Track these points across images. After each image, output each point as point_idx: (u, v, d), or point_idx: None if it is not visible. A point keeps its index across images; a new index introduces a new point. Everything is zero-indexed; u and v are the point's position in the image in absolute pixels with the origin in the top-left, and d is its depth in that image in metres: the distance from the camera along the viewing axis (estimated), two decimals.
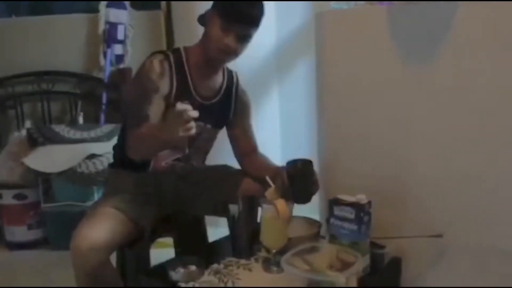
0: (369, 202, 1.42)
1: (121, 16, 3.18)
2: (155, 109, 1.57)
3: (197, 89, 1.70)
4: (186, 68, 1.68)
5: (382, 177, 1.65)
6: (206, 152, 1.89)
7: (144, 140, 1.48)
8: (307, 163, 1.54)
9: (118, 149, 1.82)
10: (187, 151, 1.50)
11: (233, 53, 1.64)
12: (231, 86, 1.82)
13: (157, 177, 1.76)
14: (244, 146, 1.88)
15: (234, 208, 1.56)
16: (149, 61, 1.63)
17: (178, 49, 1.72)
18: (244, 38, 1.62)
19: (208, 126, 1.77)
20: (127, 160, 1.63)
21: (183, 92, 1.65)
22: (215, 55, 1.64)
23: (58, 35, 3.24)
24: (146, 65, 1.63)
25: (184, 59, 1.69)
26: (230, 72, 1.84)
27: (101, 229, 1.52)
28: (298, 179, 1.51)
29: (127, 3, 3.21)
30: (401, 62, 1.56)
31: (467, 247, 1.48)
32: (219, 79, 1.78)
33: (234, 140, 1.88)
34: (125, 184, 1.73)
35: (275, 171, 1.61)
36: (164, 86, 1.62)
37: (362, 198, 1.41)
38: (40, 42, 3.21)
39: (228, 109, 1.82)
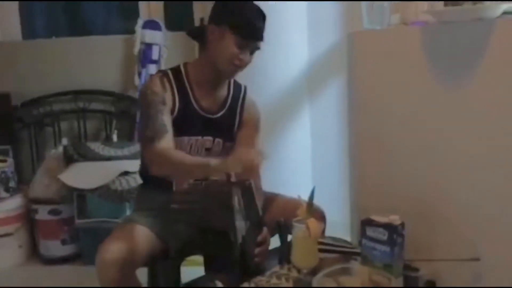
0: (403, 224, 1.39)
1: (156, 37, 3.26)
2: (168, 120, 1.64)
3: (200, 103, 1.74)
4: (186, 83, 1.73)
5: (416, 199, 1.62)
6: None
7: (182, 167, 1.57)
8: None
9: (143, 169, 1.85)
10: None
11: (245, 66, 1.70)
12: (238, 99, 1.83)
13: (182, 194, 1.77)
14: None
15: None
16: (149, 79, 1.73)
17: (177, 66, 1.78)
18: (254, 51, 1.69)
19: (218, 140, 1.78)
20: (151, 178, 1.67)
21: (185, 107, 1.70)
22: (227, 70, 1.69)
23: (95, 55, 3.33)
24: (147, 83, 1.73)
25: (183, 74, 1.74)
26: (238, 86, 1.85)
27: (124, 243, 1.54)
28: None
29: (162, 25, 3.29)
30: (435, 83, 1.54)
31: (504, 270, 1.43)
32: (224, 92, 1.80)
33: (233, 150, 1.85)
34: (151, 201, 1.76)
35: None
36: (168, 99, 1.68)
37: (395, 219, 1.39)
38: (78, 62, 3.31)
39: (233, 121, 1.82)
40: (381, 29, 1.74)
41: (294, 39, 2.78)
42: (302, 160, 2.84)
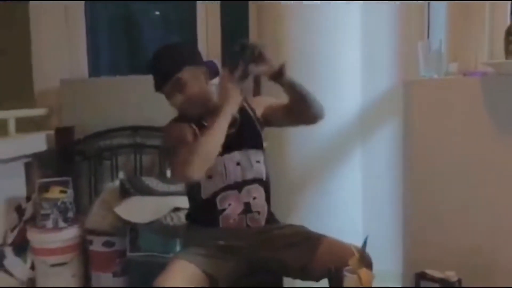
0: (459, 280, 1.35)
1: None
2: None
3: None
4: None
5: (472, 251, 1.57)
6: (263, 182, 1.87)
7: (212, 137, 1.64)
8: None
9: (190, 206, 1.90)
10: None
11: (194, 97, 1.84)
12: (242, 105, 1.84)
13: (228, 231, 1.79)
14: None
15: None
16: (169, 124, 1.92)
17: None
18: (178, 87, 1.88)
19: (243, 151, 1.81)
20: (198, 216, 1.75)
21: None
22: (190, 112, 1.87)
23: (154, 93, 3.45)
24: (169, 126, 1.91)
25: None
26: None
27: (173, 281, 1.58)
28: None
29: (219, 66, 3.38)
30: (492, 135, 1.52)
31: None
32: None
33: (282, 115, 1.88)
34: (197, 238, 1.81)
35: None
36: (189, 133, 1.79)
37: (451, 275, 1.35)
38: (139, 98, 3.44)
39: (252, 125, 1.86)
40: (438, 79, 1.74)
41: (347, 82, 2.79)
42: (353, 205, 2.79)
